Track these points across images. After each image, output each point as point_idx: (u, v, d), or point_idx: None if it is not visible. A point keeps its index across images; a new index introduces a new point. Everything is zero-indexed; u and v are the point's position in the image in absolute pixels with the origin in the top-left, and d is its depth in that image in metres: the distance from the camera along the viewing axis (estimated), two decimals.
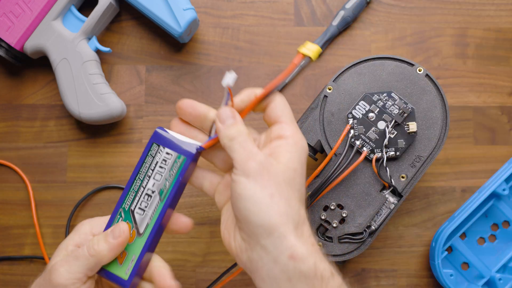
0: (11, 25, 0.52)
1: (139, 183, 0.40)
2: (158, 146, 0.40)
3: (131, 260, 0.39)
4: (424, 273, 0.54)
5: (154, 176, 0.40)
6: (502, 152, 0.55)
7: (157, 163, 0.40)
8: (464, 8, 0.56)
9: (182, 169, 0.39)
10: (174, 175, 0.39)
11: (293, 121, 0.39)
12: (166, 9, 0.52)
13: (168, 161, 0.39)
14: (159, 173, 0.40)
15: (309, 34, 0.56)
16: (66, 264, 0.37)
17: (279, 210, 0.34)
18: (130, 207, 0.40)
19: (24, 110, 0.56)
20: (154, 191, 0.39)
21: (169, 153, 0.39)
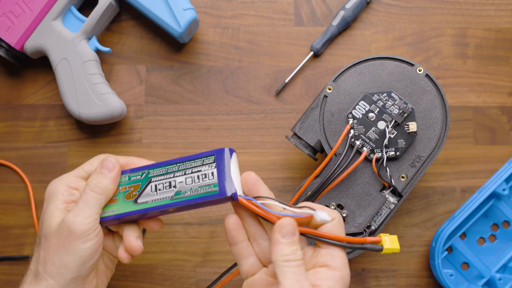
0: (11, 25, 0.52)
1: (174, 169, 0.40)
2: (214, 161, 0.39)
3: (115, 209, 0.40)
4: (424, 273, 0.54)
5: (187, 177, 0.40)
6: (502, 152, 0.55)
7: (199, 171, 0.39)
8: (464, 8, 0.56)
9: (207, 197, 0.38)
10: (197, 193, 0.39)
11: (343, 248, 0.36)
12: (166, 9, 0.52)
13: (206, 179, 0.39)
14: (192, 179, 0.39)
15: (309, 34, 0.56)
16: (80, 212, 0.38)
17: None
18: (151, 177, 0.40)
19: (24, 110, 0.56)
20: (176, 187, 0.39)
21: (212, 174, 0.39)
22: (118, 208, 0.40)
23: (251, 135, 0.55)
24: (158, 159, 0.55)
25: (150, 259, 0.54)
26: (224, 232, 0.43)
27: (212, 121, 0.55)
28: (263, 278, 0.39)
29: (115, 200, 0.40)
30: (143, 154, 0.55)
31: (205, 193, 0.39)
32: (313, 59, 0.56)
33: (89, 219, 0.38)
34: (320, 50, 0.55)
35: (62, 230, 0.38)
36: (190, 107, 0.56)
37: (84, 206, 0.38)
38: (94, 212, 0.39)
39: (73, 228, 0.37)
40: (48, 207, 0.40)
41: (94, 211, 0.39)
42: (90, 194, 0.39)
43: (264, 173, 0.55)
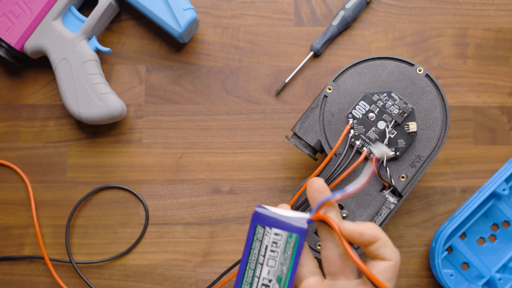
0: (11, 25, 0.52)
1: (252, 273, 0.35)
2: (264, 227, 0.35)
3: None
4: (424, 273, 0.54)
5: (267, 263, 0.35)
6: (502, 152, 0.55)
7: (267, 248, 0.35)
8: (464, 8, 0.56)
9: (298, 249, 0.34)
10: (289, 257, 0.35)
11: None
12: (166, 9, 0.52)
13: (279, 242, 0.35)
14: (272, 258, 0.35)
15: (309, 34, 0.56)
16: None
17: None
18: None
19: (24, 110, 0.56)
20: (271, 279, 0.35)
21: (278, 234, 0.35)
22: None
23: (251, 135, 0.55)
24: (158, 159, 0.55)
25: (150, 259, 0.54)
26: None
27: (212, 121, 0.55)
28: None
29: None
30: (143, 154, 0.55)
31: (294, 248, 0.35)
32: (313, 59, 0.56)
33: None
34: (320, 50, 0.55)
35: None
36: (190, 107, 0.56)
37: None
38: None
39: None
40: None
41: None
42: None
43: (264, 173, 0.55)
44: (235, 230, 0.54)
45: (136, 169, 0.55)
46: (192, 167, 0.55)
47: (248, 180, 0.55)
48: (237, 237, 0.54)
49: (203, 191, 0.55)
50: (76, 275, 0.54)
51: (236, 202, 0.55)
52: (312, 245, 0.46)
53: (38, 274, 0.54)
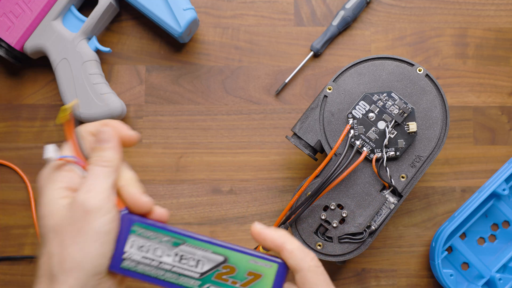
0: (11, 25, 0.52)
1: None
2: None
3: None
4: (424, 273, 0.54)
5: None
6: (502, 152, 0.55)
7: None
8: (464, 8, 0.56)
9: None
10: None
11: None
12: (166, 9, 0.52)
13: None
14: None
15: (309, 34, 0.56)
16: (91, 188, 0.34)
17: None
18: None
19: (24, 110, 0.56)
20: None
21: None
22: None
23: (251, 135, 0.55)
24: (158, 159, 0.55)
25: None
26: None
27: (212, 121, 0.55)
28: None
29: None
30: (143, 154, 0.55)
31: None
32: (313, 59, 0.56)
33: (103, 194, 0.34)
34: (320, 50, 0.55)
35: (76, 212, 0.34)
36: (190, 107, 0.56)
37: (94, 181, 0.35)
38: (106, 186, 0.35)
39: (88, 205, 0.33)
40: (46, 198, 0.35)
41: (105, 186, 0.35)
42: (97, 169, 0.35)
43: (264, 173, 0.55)
44: (235, 230, 0.54)
45: (136, 169, 0.55)
46: (192, 167, 0.55)
47: (248, 180, 0.55)
48: (237, 237, 0.54)
49: (203, 191, 0.55)
50: None
51: (236, 202, 0.55)
52: (312, 245, 0.46)
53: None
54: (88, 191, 0.34)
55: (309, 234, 0.46)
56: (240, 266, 0.35)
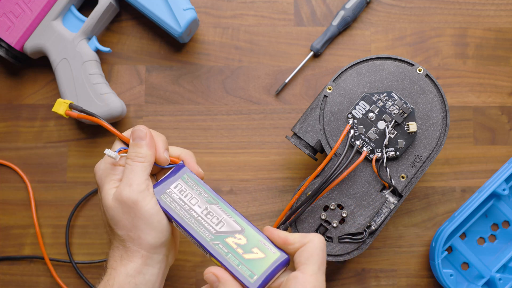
0: (11, 25, 0.52)
1: (196, 223, 0.41)
2: (166, 193, 0.43)
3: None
4: (424, 273, 0.54)
5: (192, 204, 0.42)
6: (502, 152, 0.55)
7: (181, 199, 0.42)
8: (464, 8, 0.56)
9: (195, 177, 0.44)
10: (198, 185, 0.43)
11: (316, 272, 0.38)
12: (166, 9, 0.52)
13: (183, 186, 0.43)
14: (191, 199, 0.43)
15: (309, 34, 0.56)
16: (130, 182, 0.41)
17: None
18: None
19: (24, 110, 0.56)
20: (205, 207, 0.42)
21: (176, 185, 0.43)
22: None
23: (251, 135, 0.55)
24: None
25: None
26: None
27: (212, 121, 0.55)
28: None
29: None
30: None
31: (193, 181, 0.43)
32: (313, 59, 0.56)
33: (142, 186, 0.41)
34: (320, 50, 0.55)
35: (125, 205, 0.40)
36: (190, 107, 0.56)
37: (133, 175, 0.41)
38: (144, 179, 0.41)
39: (133, 197, 0.40)
40: (104, 191, 0.42)
41: (143, 178, 0.41)
42: (133, 164, 0.41)
43: (264, 173, 0.55)
44: None
45: None
46: None
47: (248, 180, 0.55)
48: None
49: None
50: (76, 275, 0.54)
51: (236, 202, 0.55)
52: None
53: (38, 274, 0.54)
54: (130, 184, 0.41)
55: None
56: (250, 240, 0.40)
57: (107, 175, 0.43)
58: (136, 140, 0.42)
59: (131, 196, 0.40)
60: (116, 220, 0.41)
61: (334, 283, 0.54)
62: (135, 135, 0.43)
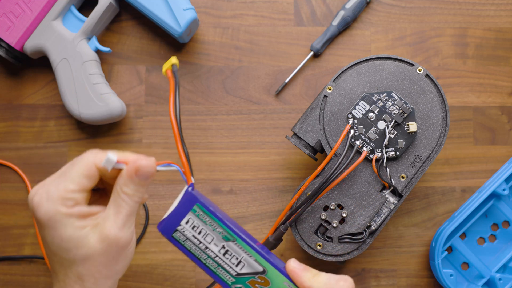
0: (11, 25, 0.52)
1: (212, 261, 0.37)
2: (176, 230, 0.37)
3: None
4: (424, 273, 0.54)
5: (208, 242, 0.37)
6: (502, 152, 0.55)
7: (195, 236, 0.37)
8: (464, 8, 0.56)
9: (209, 211, 0.37)
10: (212, 220, 0.37)
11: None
12: (166, 9, 0.52)
13: (196, 221, 0.37)
14: (206, 236, 0.37)
15: (309, 34, 0.56)
16: (124, 225, 0.35)
17: None
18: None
19: (24, 110, 0.56)
20: (222, 245, 0.37)
21: (188, 220, 0.37)
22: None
23: (251, 135, 0.55)
24: (158, 159, 0.55)
25: (150, 259, 0.54)
26: None
27: (212, 121, 0.55)
28: None
29: None
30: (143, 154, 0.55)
31: (208, 215, 0.37)
32: (313, 59, 0.56)
33: (131, 229, 0.36)
34: (320, 50, 0.55)
35: (110, 247, 0.35)
36: (190, 107, 0.56)
37: (127, 218, 0.36)
38: (133, 220, 0.37)
39: (122, 242, 0.35)
40: (66, 232, 0.35)
41: (133, 220, 0.37)
42: (133, 205, 0.36)
43: (264, 173, 0.55)
44: None
45: None
46: (192, 167, 0.55)
47: (248, 180, 0.55)
48: None
49: (203, 191, 0.55)
50: None
51: (236, 202, 0.55)
52: (312, 245, 0.46)
53: (38, 274, 0.54)
54: (123, 228, 0.35)
55: (309, 234, 0.46)
56: (274, 283, 0.37)
57: (62, 215, 0.35)
58: (142, 178, 0.36)
59: (121, 240, 0.35)
60: (87, 260, 0.35)
61: None
62: (142, 172, 0.36)
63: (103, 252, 0.35)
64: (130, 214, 0.36)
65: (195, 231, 0.37)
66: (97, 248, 0.35)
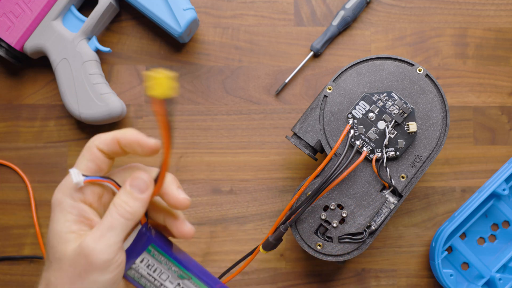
0: (11, 25, 0.52)
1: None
2: (131, 268, 0.35)
3: None
4: (424, 273, 0.54)
5: (163, 280, 0.36)
6: (502, 152, 0.55)
7: (149, 274, 0.36)
8: (464, 8, 0.56)
9: (163, 249, 0.35)
10: (166, 259, 0.36)
11: None
12: (166, 9, 0.52)
13: (150, 260, 0.36)
14: (160, 274, 0.36)
15: (309, 34, 0.56)
16: (102, 238, 0.31)
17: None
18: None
19: (24, 110, 0.56)
20: (178, 283, 0.36)
21: (142, 259, 0.35)
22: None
23: (251, 135, 0.55)
24: (158, 159, 0.55)
25: None
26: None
27: (212, 121, 0.55)
28: None
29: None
30: None
31: (162, 254, 0.35)
32: (313, 59, 0.56)
33: (113, 248, 0.32)
34: (320, 50, 0.55)
35: (79, 259, 0.31)
36: (190, 107, 0.56)
37: (108, 232, 0.32)
38: (119, 239, 0.32)
39: (93, 258, 0.31)
40: (57, 226, 0.33)
41: (119, 239, 0.32)
42: (117, 218, 0.32)
43: (264, 173, 0.55)
44: (235, 230, 0.54)
45: None
46: (192, 167, 0.55)
47: (248, 180, 0.55)
48: (237, 237, 0.54)
49: (203, 191, 0.55)
50: None
51: (236, 202, 0.55)
52: (312, 245, 0.46)
53: (38, 274, 0.54)
54: (99, 240, 0.32)
55: (309, 234, 0.46)
56: None
57: (62, 210, 0.33)
58: (134, 190, 0.33)
59: (93, 256, 0.31)
60: (58, 264, 0.32)
61: (334, 283, 0.54)
62: (134, 183, 0.33)
63: (72, 263, 0.31)
64: (112, 227, 0.32)
65: (150, 269, 0.35)
66: (69, 255, 0.32)
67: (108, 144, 0.34)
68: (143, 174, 0.33)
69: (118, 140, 0.34)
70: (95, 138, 0.34)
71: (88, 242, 0.31)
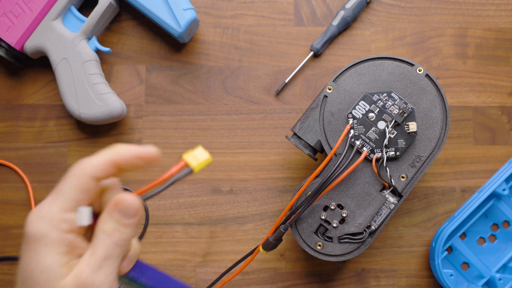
0: (11, 25, 0.52)
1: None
2: None
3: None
4: (424, 273, 0.54)
5: None
6: (502, 152, 0.55)
7: None
8: (464, 8, 0.56)
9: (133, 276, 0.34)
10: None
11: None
12: (166, 9, 0.52)
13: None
14: None
15: (309, 34, 0.56)
16: (101, 269, 0.31)
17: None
18: None
19: (24, 110, 0.56)
20: None
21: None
22: None
23: (251, 135, 0.55)
24: None
25: (150, 259, 0.54)
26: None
27: (212, 121, 0.55)
28: None
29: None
30: None
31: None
32: (313, 59, 0.56)
33: (112, 277, 0.31)
34: (320, 50, 0.55)
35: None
36: (190, 107, 0.56)
37: (104, 261, 0.31)
38: (116, 266, 0.31)
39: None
40: (45, 261, 0.30)
41: (115, 266, 0.31)
42: (112, 246, 0.31)
43: (264, 173, 0.55)
44: (235, 230, 0.54)
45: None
46: None
47: (248, 180, 0.55)
48: (237, 237, 0.54)
49: (203, 191, 0.55)
50: None
51: (236, 202, 0.55)
52: (312, 245, 0.46)
53: None
54: (98, 270, 0.30)
55: (309, 234, 0.46)
56: None
57: (48, 242, 0.30)
58: (122, 215, 0.31)
59: (100, 285, 0.30)
60: None
61: (334, 283, 0.54)
62: (122, 207, 0.31)
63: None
64: (107, 257, 0.31)
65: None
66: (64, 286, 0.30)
67: (104, 170, 0.32)
68: (130, 197, 0.31)
69: (113, 162, 0.32)
70: (84, 166, 0.32)
71: (87, 274, 0.30)
